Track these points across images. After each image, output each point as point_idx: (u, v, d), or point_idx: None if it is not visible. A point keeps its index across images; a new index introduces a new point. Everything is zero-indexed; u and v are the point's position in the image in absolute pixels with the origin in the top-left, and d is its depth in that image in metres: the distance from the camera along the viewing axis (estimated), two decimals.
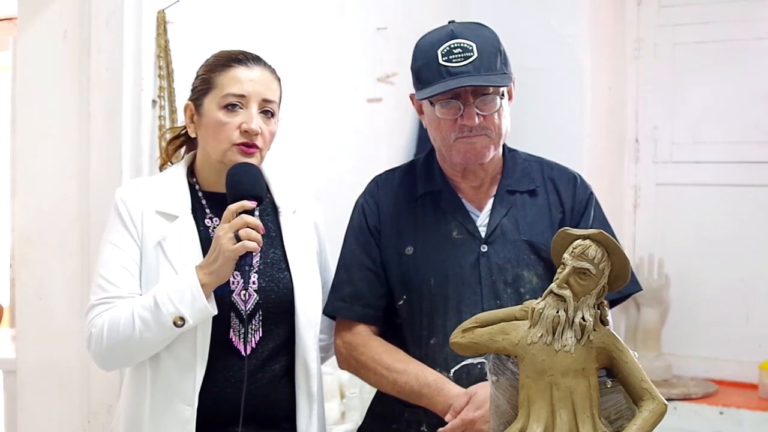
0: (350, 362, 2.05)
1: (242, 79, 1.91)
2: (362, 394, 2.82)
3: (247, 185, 1.86)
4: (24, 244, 2.61)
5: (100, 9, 2.41)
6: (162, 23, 2.41)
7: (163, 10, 2.42)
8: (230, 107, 1.90)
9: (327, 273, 2.13)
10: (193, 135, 1.99)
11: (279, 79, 1.99)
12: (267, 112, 1.94)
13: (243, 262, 1.82)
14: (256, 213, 1.90)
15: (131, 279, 1.89)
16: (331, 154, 3.14)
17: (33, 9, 2.53)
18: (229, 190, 1.87)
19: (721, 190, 3.85)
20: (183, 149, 2.10)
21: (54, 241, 2.51)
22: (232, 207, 1.83)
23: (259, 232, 1.82)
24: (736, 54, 3.80)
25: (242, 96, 1.91)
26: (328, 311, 2.07)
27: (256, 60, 1.96)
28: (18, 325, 2.65)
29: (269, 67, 1.98)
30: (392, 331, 2.05)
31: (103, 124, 2.43)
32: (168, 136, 2.13)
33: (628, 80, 4.03)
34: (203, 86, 1.95)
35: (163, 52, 2.42)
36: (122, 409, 1.98)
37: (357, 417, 2.81)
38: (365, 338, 2.02)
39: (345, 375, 2.73)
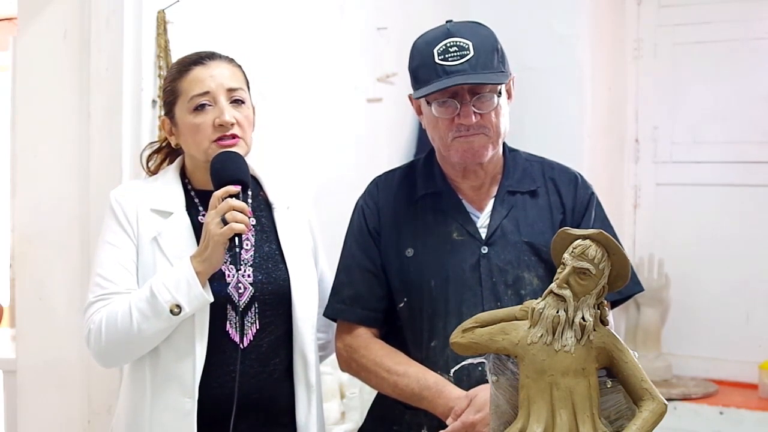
0: (351, 365, 2.04)
1: (202, 78, 1.95)
2: (362, 395, 2.82)
3: (229, 171, 1.90)
4: (24, 244, 2.61)
5: (100, 9, 2.41)
6: (162, 23, 2.42)
7: (163, 10, 2.42)
8: (200, 108, 1.94)
9: (319, 270, 2.15)
10: (175, 146, 2.03)
11: (239, 66, 2.03)
12: (236, 100, 1.97)
13: (233, 245, 1.85)
14: (250, 201, 1.94)
15: (128, 275, 1.92)
16: (331, 154, 3.14)
17: (33, 9, 2.53)
18: (213, 178, 1.92)
19: (721, 190, 3.84)
20: (167, 161, 2.12)
21: (54, 241, 2.51)
22: (217, 193, 1.88)
23: (246, 215, 1.86)
24: (736, 54, 3.79)
25: (206, 93, 1.94)
26: (329, 313, 2.07)
27: (211, 56, 2.00)
28: (18, 325, 2.65)
29: (226, 58, 2.02)
30: (393, 334, 2.04)
31: (103, 124, 2.43)
32: (147, 152, 2.14)
33: (628, 80, 4.02)
34: (170, 97, 2.00)
35: (163, 52, 2.42)
36: (122, 405, 1.99)
37: (357, 417, 2.81)
38: (366, 341, 2.02)
39: (345, 375, 2.72)
